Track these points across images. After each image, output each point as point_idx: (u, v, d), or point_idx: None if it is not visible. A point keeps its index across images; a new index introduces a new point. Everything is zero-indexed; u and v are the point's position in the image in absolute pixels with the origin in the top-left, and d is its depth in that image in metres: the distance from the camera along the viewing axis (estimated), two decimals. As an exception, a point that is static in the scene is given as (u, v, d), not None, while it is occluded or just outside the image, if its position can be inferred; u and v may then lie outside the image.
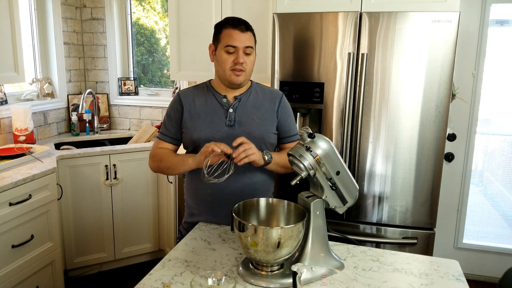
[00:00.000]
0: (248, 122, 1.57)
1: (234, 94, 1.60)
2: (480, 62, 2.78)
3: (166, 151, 1.61)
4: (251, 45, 1.53)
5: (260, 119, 1.59)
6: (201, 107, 1.59)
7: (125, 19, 3.56)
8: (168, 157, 1.58)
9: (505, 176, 2.95)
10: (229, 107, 1.57)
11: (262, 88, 1.68)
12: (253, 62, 1.58)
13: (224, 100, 1.59)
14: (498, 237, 2.99)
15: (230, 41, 1.50)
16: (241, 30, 1.50)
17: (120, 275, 2.98)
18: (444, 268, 1.31)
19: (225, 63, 1.53)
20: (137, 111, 3.57)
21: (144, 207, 3.00)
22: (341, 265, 1.27)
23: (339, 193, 1.26)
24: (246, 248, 1.15)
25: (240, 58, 1.51)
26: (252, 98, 1.62)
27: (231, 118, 1.56)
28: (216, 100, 1.59)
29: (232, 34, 1.50)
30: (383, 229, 2.15)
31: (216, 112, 1.58)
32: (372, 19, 2.01)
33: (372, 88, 2.06)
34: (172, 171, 1.60)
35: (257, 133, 1.57)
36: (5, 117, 2.82)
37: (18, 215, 2.11)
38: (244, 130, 1.55)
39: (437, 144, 2.03)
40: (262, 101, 1.62)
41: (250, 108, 1.59)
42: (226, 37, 1.51)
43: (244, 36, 1.51)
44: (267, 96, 1.64)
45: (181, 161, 1.54)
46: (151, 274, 1.23)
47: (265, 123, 1.59)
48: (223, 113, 1.57)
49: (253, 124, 1.57)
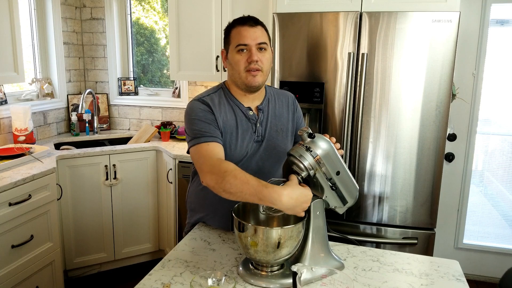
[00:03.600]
0: (273, 136, 1.49)
1: (256, 104, 1.48)
2: (480, 62, 2.78)
3: (233, 165, 1.21)
4: (264, 40, 1.38)
5: (283, 130, 1.52)
6: (231, 120, 1.43)
7: (125, 19, 3.56)
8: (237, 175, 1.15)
9: (505, 176, 2.94)
10: (256, 121, 1.46)
11: (275, 92, 1.57)
12: (270, 59, 1.42)
13: (251, 113, 1.46)
14: (498, 237, 2.98)
15: (241, 40, 1.36)
16: (250, 26, 1.37)
17: (120, 275, 2.97)
18: (444, 268, 1.30)
19: (238, 64, 1.38)
20: (137, 111, 3.57)
21: (144, 207, 2.99)
22: (341, 265, 1.27)
23: (339, 193, 1.25)
24: (246, 248, 1.15)
25: (254, 55, 1.36)
26: (271, 106, 1.51)
27: (259, 133, 1.46)
28: (243, 114, 1.45)
29: (241, 32, 1.37)
30: (383, 229, 2.15)
31: (245, 128, 1.44)
32: (372, 19, 2.01)
33: (372, 88, 2.06)
34: (235, 197, 1.17)
35: (281, 147, 1.50)
36: (5, 117, 2.82)
37: (17, 215, 2.11)
38: (269, 145, 1.48)
39: (437, 144, 2.03)
40: (280, 109, 1.53)
41: (272, 119, 1.50)
42: (235, 37, 1.38)
43: (254, 31, 1.37)
44: (283, 103, 1.55)
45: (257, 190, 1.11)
46: (151, 274, 1.22)
47: (286, 134, 1.53)
48: (250, 127, 1.45)
49: (278, 138, 1.50)
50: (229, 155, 1.41)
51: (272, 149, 1.48)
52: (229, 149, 1.41)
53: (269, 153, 1.49)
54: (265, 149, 1.47)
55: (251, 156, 1.46)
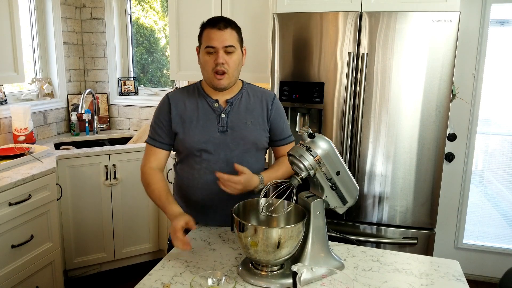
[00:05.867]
0: (240, 127, 1.53)
1: (226, 98, 1.54)
2: (480, 62, 2.78)
3: (156, 177, 1.52)
4: (231, 43, 1.43)
5: (253, 123, 1.55)
6: (192, 111, 1.53)
7: (125, 19, 3.56)
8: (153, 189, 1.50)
9: (505, 176, 2.94)
10: (221, 112, 1.52)
11: (254, 89, 1.62)
12: (237, 62, 1.48)
13: (216, 105, 1.53)
14: (498, 237, 2.98)
15: (209, 42, 1.43)
16: (219, 29, 1.42)
17: (120, 275, 2.97)
18: (444, 268, 1.30)
19: (206, 65, 1.46)
20: (137, 111, 3.56)
21: (144, 207, 2.99)
22: (341, 265, 1.27)
23: (339, 193, 1.26)
24: (246, 248, 1.15)
25: (219, 58, 1.42)
26: (244, 101, 1.56)
27: (223, 123, 1.52)
28: (208, 105, 1.54)
29: (210, 34, 1.43)
30: (383, 229, 2.15)
31: (208, 117, 1.52)
32: (372, 19, 2.01)
33: (372, 88, 2.06)
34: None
35: (250, 138, 1.54)
36: (5, 117, 2.82)
37: (17, 215, 2.11)
38: (237, 136, 1.53)
39: (437, 144, 2.03)
40: (254, 104, 1.57)
41: (242, 112, 1.55)
42: (205, 38, 1.45)
43: (223, 34, 1.42)
44: (259, 99, 1.59)
45: (161, 206, 1.47)
46: (151, 274, 1.22)
47: (258, 127, 1.56)
48: (215, 118, 1.52)
49: (246, 129, 1.54)
50: (189, 141, 1.52)
51: (240, 140, 1.53)
52: (188, 135, 1.52)
53: (237, 143, 1.54)
54: (232, 139, 1.53)
55: (217, 145, 1.52)
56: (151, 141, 1.57)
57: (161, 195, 1.47)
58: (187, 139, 1.52)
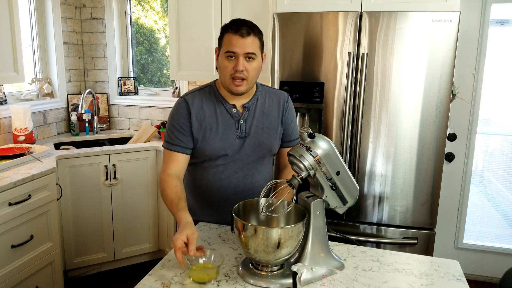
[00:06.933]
0: (258, 132, 1.53)
1: (242, 102, 1.53)
2: (481, 62, 2.78)
3: (171, 183, 1.45)
4: (253, 51, 1.41)
5: (269, 128, 1.55)
6: (211, 117, 1.51)
7: (125, 18, 3.55)
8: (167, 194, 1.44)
9: (505, 176, 2.94)
10: (240, 118, 1.52)
11: (267, 91, 1.60)
12: (257, 69, 1.46)
13: (234, 111, 1.52)
14: (498, 237, 2.98)
15: (230, 47, 1.41)
16: (241, 35, 1.39)
17: (119, 275, 2.97)
18: (444, 268, 1.30)
19: (225, 70, 1.44)
20: (137, 111, 3.56)
21: (144, 207, 2.99)
22: (341, 265, 1.27)
23: (339, 193, 1.25)
24: (246, 248, 1.15)
25: (239, 65, 1.40)
26: (259, 105, 1.55)
27: (242, 129, 1.52)
28: (226, 111, 1.52)
29: (231, 40, 1.40)
30: (383, 229, 2.15)
31: (226, 124, 1.51)
32: (372, 19, 2.01)
33: (372, 88, 2.06)
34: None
35: (267, 144, 1.55)
36: (5, 117, 2.82)
37: (17, 215, 2.11)
38: (254, 142, 1.53)
39: (437, 144, 2.02)
40: (269, 107, 1.57)
41: (259, 117, 1.54)
42: (226, 42, 1.43)
43: (245, 41, 1.40)
44: (274, 101, 1.58)
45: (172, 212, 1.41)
46: (150, 274, 1.22)
47: (273, 132, 1.57)
48: (233, 123, 1.51)
49: (263, 135, 1.54)
50: (209, 149, 1.50)
51: (257, 146, 1.53)
52: (208, 143, 1.50)
53: (254, 150, 1.54)
54: (249, 145, 1.52)
55: (236, 151, 1.51)
56: (170, 146, 1.51)
57: (173, 200, 1.42)
58: (207, 148, 1.50)
